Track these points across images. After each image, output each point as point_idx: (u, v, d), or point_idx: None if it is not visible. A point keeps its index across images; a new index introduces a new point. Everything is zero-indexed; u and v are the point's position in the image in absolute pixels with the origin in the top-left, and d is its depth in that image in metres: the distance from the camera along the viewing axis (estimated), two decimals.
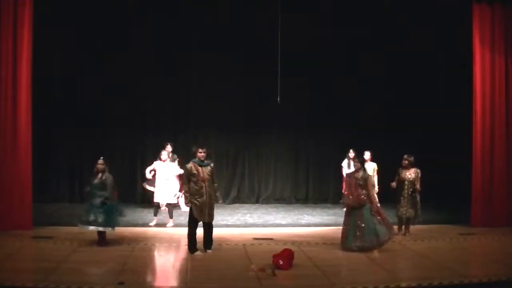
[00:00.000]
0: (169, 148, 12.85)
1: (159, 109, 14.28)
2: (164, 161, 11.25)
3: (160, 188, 11.17)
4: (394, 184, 10.40)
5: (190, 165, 8.87)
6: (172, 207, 11.19)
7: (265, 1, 12.85)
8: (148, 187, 12.36)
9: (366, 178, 9.29)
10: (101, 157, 9.34)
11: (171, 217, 11.05)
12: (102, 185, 9.14)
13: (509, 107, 11.58)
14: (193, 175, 8.79)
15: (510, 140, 11.59)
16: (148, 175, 11.71)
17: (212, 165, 9.05)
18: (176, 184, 11.44)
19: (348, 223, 9.16)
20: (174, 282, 7.59)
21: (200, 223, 8.93)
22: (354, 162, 9.47)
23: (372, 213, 9.11)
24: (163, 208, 11.40)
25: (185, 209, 11.28)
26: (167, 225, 10.99)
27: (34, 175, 10.75)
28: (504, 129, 11.54)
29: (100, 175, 9.19)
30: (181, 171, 11.68)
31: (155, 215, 11.13)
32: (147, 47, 13.71)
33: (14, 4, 10.29)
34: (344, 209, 10.01)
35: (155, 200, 11.23)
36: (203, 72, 14.09)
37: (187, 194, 8.83)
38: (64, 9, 12.75)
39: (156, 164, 11.35)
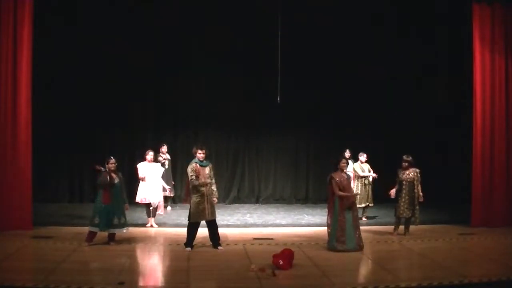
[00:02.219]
0: (164, 149, 12.83)
1: (159, 109, 14.28)
2: (150, 161, 11.16)
3: (146, 188, 11.01)
4: (392, 192, 10.39)
5: (193, 165, 9.03)
6: (154, 209, 11.06)
7: (265, 1, 12.86)
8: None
9: (350, 177, 9.67)
10: (111, 157, 9.38)
11: (149, 216, 11.03)
12: (121, 186, 9.27)
13: (509, 107, 11.58)
14: (195, 174, 8.95)
15: (510, 140, 11.59)
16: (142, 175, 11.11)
17: (210, 165, 9.19)
18: (160, 184, 11.34)
19: (345, 224, 9.09)
20: (174, 282, 7.58)
21: (203, 223, 9.09)
22: (342, 162, 9.40)
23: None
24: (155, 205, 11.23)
25: (161, 212, 11.31)
26: (146, 225, 10.97)
27: (34, 175, 10.75)
28: (504, 129, 11.54)
29: (114, 175, 9.26)
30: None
31: (149, 215, 11.09)
32: (147, 46, 13.70)
33: (14, 4, 10.29)
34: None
35: (149, 201, 10.99)
36: (203, 72, 14.09)
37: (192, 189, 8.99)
38: (64, 9, 12.76)
39: (141, 165, 11.21)
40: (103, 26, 13.30)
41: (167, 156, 12.96)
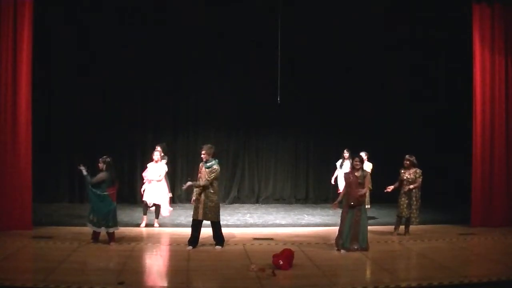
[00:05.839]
0: (158, 149, 12.82)
1: (159, 109, 14.28)
2: (156, 161, 11.18)
3: (149, 188, 11.04)
4: (390, 187, 10.40)
5: (200, 164, 9.29)
6: (159, 208, 11.08)
7: (265, 1, 12.86)
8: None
9: (365, 177, 9.36)
10: (101, 157, 9.43)
11: (144, 214, 11.03)
12: (93, 185, 9.25)
13: (509, 107, 11.58)
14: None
15: (510, 140, 11.59)
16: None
17: (211, 165, 9.05)
18: (165, 184, 11.35)
19: (345, 222, 9.14)
20: (174, 282, 7.58)
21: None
22: (355, 161, 9.45)
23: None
24: (152, 208, 11.25)
25: (166, 213, 11.28)
26: (140, 225, 10.99)
27: (34, 175, 10.73)
28: (504, 129, 11.54)
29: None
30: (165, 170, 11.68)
31: (145, 214, 11.08)
32: (147, 47, 13.69)
33: (14, 4, 10.28)
34: (333, 209, 10.05)
35: (144, 199, 11.05)
36: (203, 72, 14.09)
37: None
38: (64, 9, 12.75)
39: (149, 166, 11.25)
40: (103, 26, 13.30)
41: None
